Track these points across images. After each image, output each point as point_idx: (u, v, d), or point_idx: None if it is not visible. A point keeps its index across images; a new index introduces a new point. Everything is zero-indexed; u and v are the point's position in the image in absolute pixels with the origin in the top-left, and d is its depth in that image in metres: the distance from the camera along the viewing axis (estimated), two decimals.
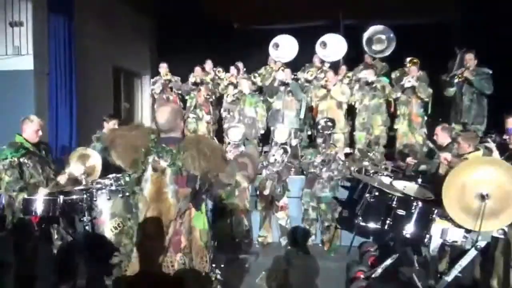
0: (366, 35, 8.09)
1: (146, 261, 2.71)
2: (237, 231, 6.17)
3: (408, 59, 7.45)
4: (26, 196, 4.08)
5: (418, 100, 6.96)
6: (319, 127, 6.23)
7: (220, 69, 8.77)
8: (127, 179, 2.98)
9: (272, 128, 7.42)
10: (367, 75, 7.17)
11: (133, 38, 10.31)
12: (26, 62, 7.10)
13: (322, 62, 8.57)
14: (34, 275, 4.16)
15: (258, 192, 6.16)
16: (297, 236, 6.03)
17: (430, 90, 6.95)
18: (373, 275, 4.42)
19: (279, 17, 9.72)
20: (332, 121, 6.38)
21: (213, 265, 3.09)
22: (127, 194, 2.77)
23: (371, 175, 5.41)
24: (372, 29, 8.12)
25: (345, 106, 7.43)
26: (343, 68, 8.27)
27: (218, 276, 3.06)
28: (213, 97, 8.33)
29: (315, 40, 8.63)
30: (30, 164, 4.16)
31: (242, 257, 5.48)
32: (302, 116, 7.58)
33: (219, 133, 8.25)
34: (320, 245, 5.99)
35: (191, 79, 8.19)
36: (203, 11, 10.00)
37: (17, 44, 7.13)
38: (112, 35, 9.23)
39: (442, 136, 5.51)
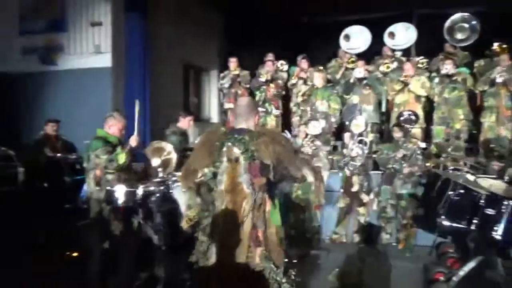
0: (447, 23, 7.66)
1: (227, 254, 2.74)
2: (309, 226, 6.13)
3: (496, 44, 6.92)
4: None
5: (507, 92, 6.48)
6: (402, 119, 6.00)
7: (283, 62, 8.65)
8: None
9: (347, 123, 7.25)
10: (448, 67, 6.77)
11: (202, 34, 10.52)
12: (105, 60, 7.50)
13: (393, 51, 8.26)
14: (115, 263, 4.36)
15: (342, 190, 6.04)
16: (372, 234, 5.87)
17: None
18: (454, 278, 4.17)
19: (350, 8, 9.47)
20: (416, 114, 6.14)
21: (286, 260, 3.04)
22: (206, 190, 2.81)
23: (450, 171, 5.13)
24: (454, 17, 7.68)
25: (423, 99, 7.09)
26: (415, 60, 7.90)
27: (292, 276, 2.98)
28: (283, 92, 8.26)
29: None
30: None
31: (314, 253, 5.43)
32: (384, 109, 7.32)
33: (286, 127, 8.17)
34: (395, 244, 5.77)
35: (263, 77, 8.15)
36: (272, 5, 9.95)
37: (97, 43, 7.56)
38: (183, 32, 9.47)
39: None
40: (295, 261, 4.07)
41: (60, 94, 7.66)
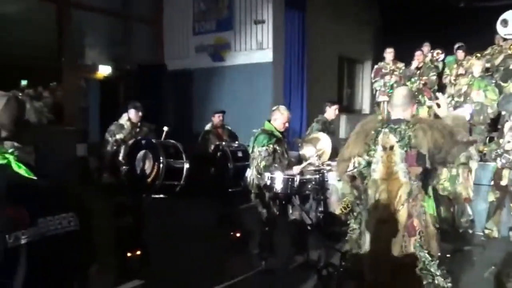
0: None
1: (380, 244, 2.76)
2: (460, 221, 5.75)
3: None
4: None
5: None
6: None
7: (439, 51, 8.21)
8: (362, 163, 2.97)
9: (503, 113, 6.55)
10: None
11: (357, 26, 10.45)
12: (266, 55, 8.03)
13: None
14: (272, 245, 4.70)
15: (492, 182, 5.57)
16: None
17: None
18: None
19: None
20: None
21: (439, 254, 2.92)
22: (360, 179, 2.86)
23: None
24: None
25: None
26: None
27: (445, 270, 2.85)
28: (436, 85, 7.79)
29: None
30: (279, 150, 4.64)
31: (467, 249, 5.07)
32: None
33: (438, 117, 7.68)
34: None
35: (413, 65, 7.79)
36: None
37: (260, 40, 8.13)
38: (338, 24, 9.55)
39: None
40: (448, 255, 3.90)
41: (227, 87, 8.45)
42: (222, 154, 6.92)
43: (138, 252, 4.69)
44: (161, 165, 6.03)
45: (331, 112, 6.18)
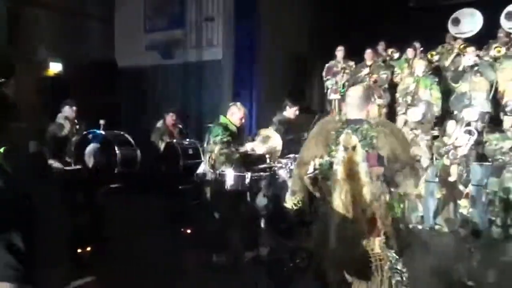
0: None
1: (345, 243, 2.73)
2: (410, 217, 6.01)
3: None
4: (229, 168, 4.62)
5: None
6: (508, 108, 5.60)
7: (393, 50, 8.42)
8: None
9: (455, 112, 6.89)
10: None
11: (308, 24, 10.58)
12: (216, 53, 8.04)
13: (509, 35, 7.53)
14: (223, 239, 4.73)
15: (437, 179, 5.88)
16: (480, 228, 5.59)
17: None
18: None
19: None
20: None
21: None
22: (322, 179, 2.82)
23: None
24: None
25: None
26: None
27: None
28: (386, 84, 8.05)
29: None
30: (232, 144, 4.65)
31: (417, 244, 5.32)
32: (490, 97, 6.84)
33: (390, 116, 7.95)
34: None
35: (364, 70, 8.02)
36: None
37: (210, 37, 8.14)
38: (289, 22, 9.63)
39: None
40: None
41: (178, 85, 8.40)
42: (173, 152, 6.91)
43: (91, 248, 4.62)
44: (117, 154, 5.95)
45: (290, 112, 6.12)
